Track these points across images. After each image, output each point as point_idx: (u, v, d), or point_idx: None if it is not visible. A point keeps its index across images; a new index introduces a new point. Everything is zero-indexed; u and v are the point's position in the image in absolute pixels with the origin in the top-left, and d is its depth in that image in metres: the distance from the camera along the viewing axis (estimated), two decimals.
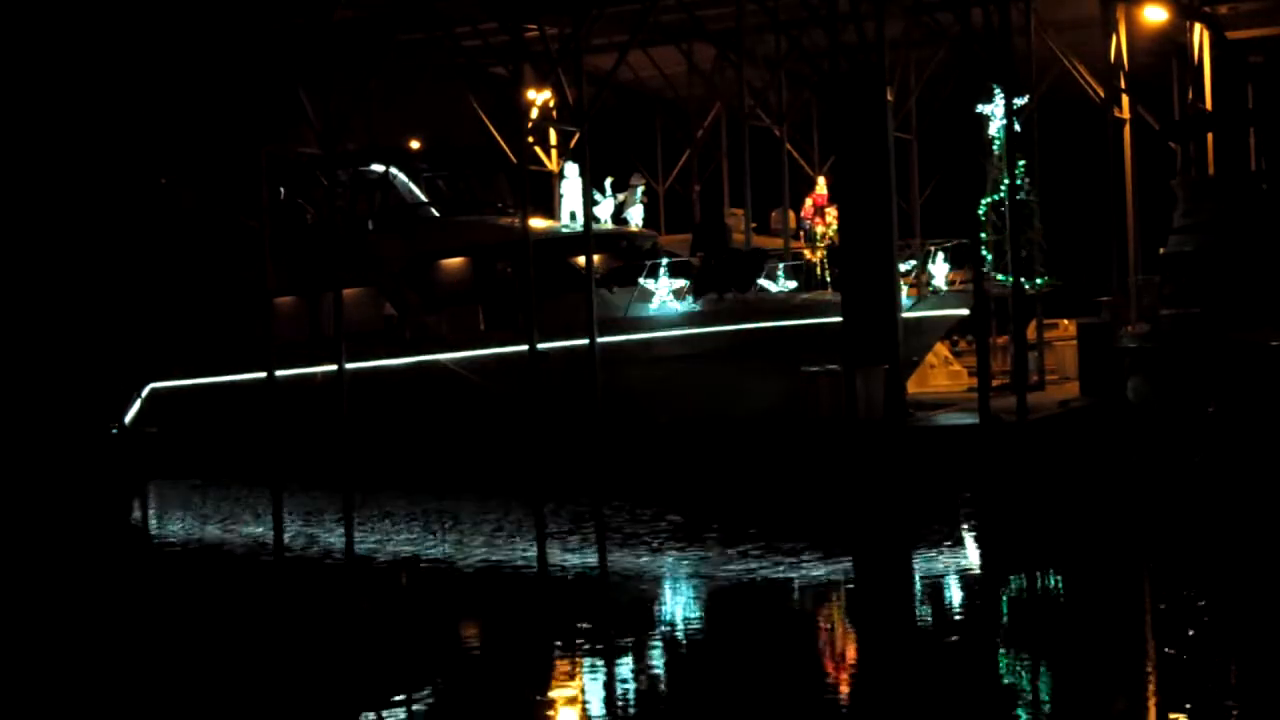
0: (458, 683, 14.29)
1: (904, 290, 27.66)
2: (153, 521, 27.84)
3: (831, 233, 31.73)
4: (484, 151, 33.60)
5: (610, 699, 13.20)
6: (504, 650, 15.69)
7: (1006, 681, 13.52)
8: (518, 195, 31.56)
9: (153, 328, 35.51)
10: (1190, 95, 32.91)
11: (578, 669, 14.36)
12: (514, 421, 29.20)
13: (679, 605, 17.41)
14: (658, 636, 15.68)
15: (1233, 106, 33.79)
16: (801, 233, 33.57)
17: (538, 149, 34.58)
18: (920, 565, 19.29)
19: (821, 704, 12.88)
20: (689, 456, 27.35)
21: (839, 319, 27.06)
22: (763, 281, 29.92)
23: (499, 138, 31.89)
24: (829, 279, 30.15)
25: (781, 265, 30.67)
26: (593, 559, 20.57)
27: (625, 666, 14.32)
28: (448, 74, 35.42)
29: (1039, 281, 30.71)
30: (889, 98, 27.12)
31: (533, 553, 21.35)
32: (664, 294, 29.38)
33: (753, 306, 29.09)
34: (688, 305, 29.39)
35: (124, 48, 38.16)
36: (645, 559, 19.84)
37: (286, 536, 24.14)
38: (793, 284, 30.20)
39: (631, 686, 13.60)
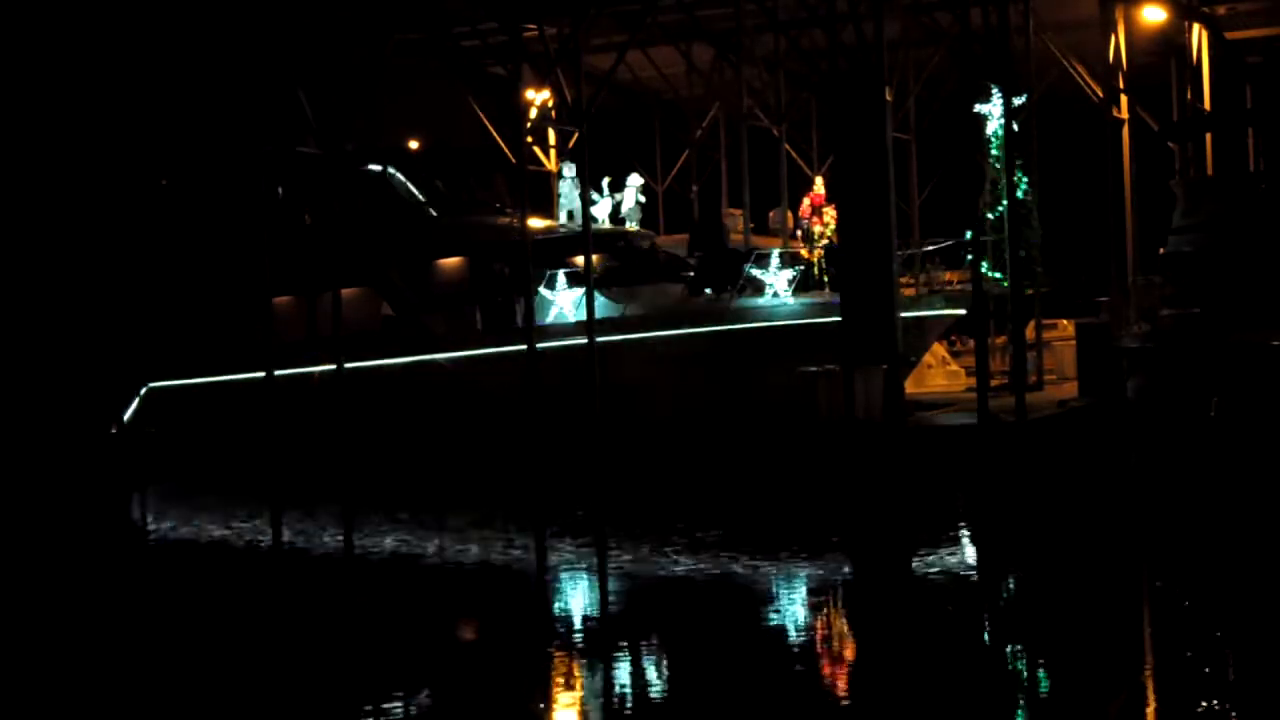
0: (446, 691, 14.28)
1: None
2: (150, 521, 27.79)
3: (829, 232, 31.70)
4: (483, 151, 33.57)
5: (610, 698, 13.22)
6: (505, 653, 15.68)
7: (1004, 680, 13.50)
8: (516, 195, 31.56)
9: (152, 328, 35.48)
10: (1189, 96, 32.89)
11: (574, 669, 14.35)
12: (512, 421, 29.16)
13: (673, 606, 17.37)
14: (647, 638, 15.67)
15: (1231, 107, 33.76)
16: (799, 232, 33.55)
17: (536, 149, 34.56)
18: (918, 565, 19.27)
19: (821, 704, 12.87)
20: (687, 457, 27.31)
21: (839, 319, 27.03)
22: (758, 274, 29.70)
23: (498, 138, 31.86)
24: (826, 279, 30.10)
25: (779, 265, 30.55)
26: (589, 559, 20.54)
27: (620, 668, 14.32)
28: (447, 74, 35.39)
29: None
30: (888, 98, 27.11)
31: (524, 554, 21.32)
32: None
33: (751, 306, 29.04)
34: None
35: (124, 48, 38.12)
36: (640, 560, 19.81)
37: (283, 537, 24.11)
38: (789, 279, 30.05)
39: (628, 687, 13.59)
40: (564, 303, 30.15)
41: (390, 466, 29.84)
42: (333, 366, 31.13)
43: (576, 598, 18.21)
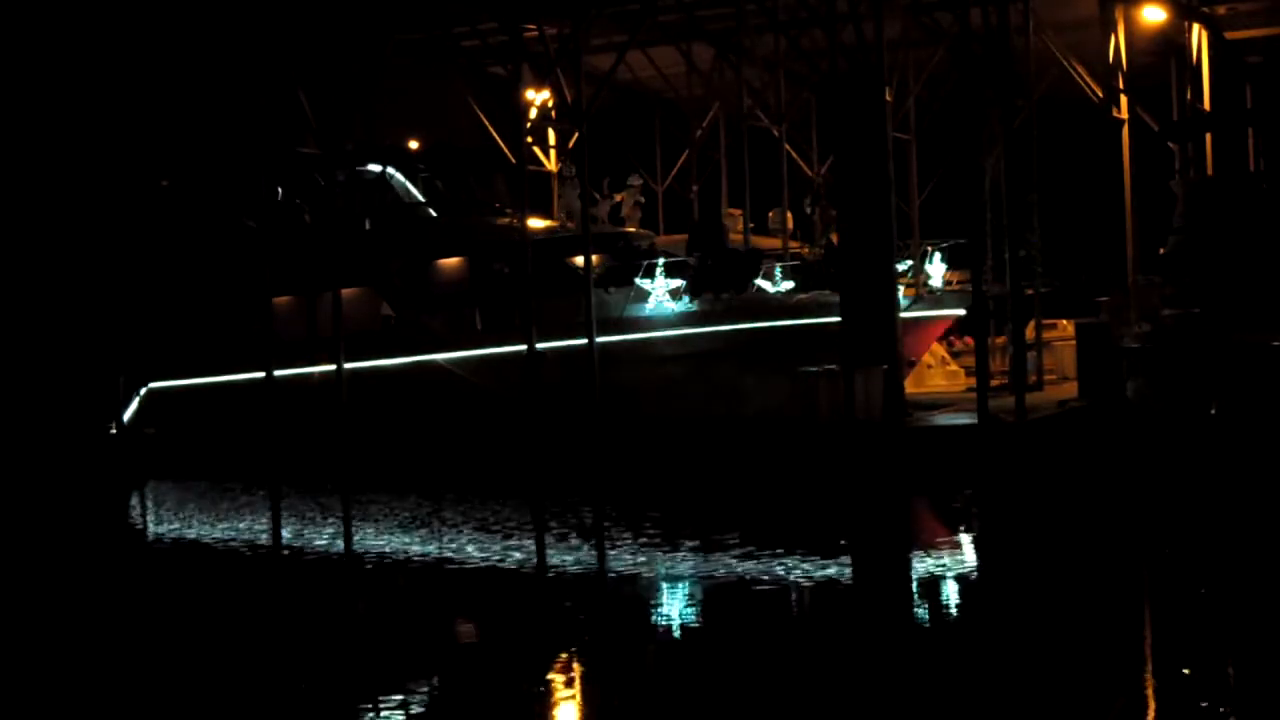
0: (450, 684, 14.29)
1: (900, 290, 27.63)
2: (149, 521, 27.79)
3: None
4: (483, 151, 33.57)
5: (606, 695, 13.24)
6: (503, 649, 15.69)
7: (1002, 681, 13.50)
8: (516, 195, 31.56)
9: (152, 328, 35.51)
10: (1189, 96, 32.91)
11: (573, 665, 14.37)
12: (512, 422, 29.18)
13: (669, 606, 17.37)
14: (643, 638, 15.68)
15: (1231, 107, 33.78)
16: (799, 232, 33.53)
17: (536, 149, 34.57)
18: (918, 566, 19.27)
19: (820, 705, 12.87)
20: (687, 458, 27.31)
21: (838, 319, 27.04)
22: (759, 281, 29.85)
23: (498, 138, 31.88)
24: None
25: (779, 265, 30.62)
26: (588, 559, 20.54)
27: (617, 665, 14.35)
28: (447, 74, 35.40)
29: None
30: (888, 98, 27.12)
31: (521, 554, 21.32)
32: (660, 294, 29.29)
33: (752, 306, 29.05)
34: (684, 305, 29.34)
35: (125, 49, 38.15)
36: (633, 561, 19.81)
37: (283, 536, 24.11)
38: (790, 284, 30.13)
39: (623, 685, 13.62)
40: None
41: (390, 466, 29.85)
42: (333, 366, 31.14)
43: (574, 597, 18.20)
